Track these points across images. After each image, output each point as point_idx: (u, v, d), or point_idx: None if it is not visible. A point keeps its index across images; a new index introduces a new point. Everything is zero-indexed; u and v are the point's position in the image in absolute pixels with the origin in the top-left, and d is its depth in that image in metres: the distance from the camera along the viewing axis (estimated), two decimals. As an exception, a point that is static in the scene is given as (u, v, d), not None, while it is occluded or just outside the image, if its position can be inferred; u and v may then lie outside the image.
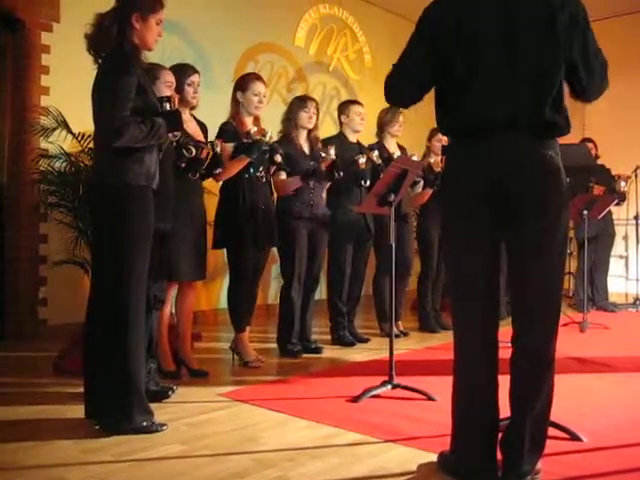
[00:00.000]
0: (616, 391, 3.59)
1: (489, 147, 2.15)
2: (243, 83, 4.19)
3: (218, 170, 3.83)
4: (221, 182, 4.15)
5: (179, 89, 3.69)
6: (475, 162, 2.17)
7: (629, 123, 7.89)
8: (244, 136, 4.01)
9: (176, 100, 2.95)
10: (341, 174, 4.49)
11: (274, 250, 4.53)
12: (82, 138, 4.58)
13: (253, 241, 4.06)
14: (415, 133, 5.64)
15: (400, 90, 2.37)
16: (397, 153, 5.10)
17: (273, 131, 4.23)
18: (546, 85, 2.13)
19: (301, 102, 4.57)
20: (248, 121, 4.17)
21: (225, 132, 4.06)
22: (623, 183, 6.63)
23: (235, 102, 4.19)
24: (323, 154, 4.43)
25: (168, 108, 2.91)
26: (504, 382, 2.22)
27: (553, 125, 2.16)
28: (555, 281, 2.19)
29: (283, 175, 4.41)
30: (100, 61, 2.84)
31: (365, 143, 5.16)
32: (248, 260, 4.08)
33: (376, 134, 5.30)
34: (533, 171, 2.13)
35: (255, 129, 4.01)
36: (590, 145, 6.70)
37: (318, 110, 4.61)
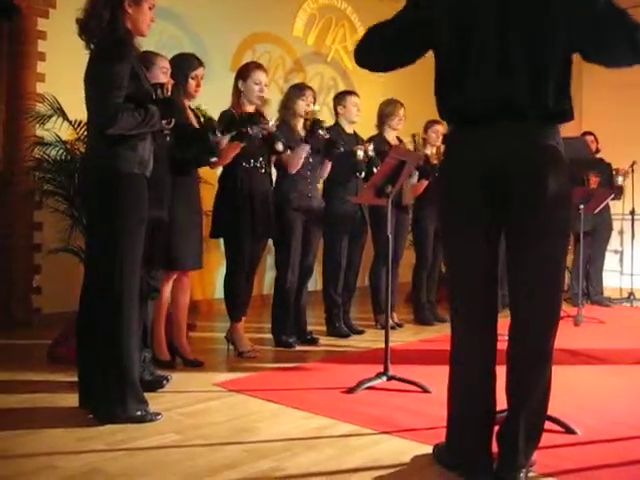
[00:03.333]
0: (611, 384, 3.59)
1: (488, 134, 2.11)
2: (244, 72, 4.16)
3: (214, 158, 3.80)
4: (220, 172, 4.14)
5: (182, 81, 3.66)
6: (474, 149, 2.14)
7: (627, 117, 7.86)
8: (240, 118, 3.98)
9: (169, 87, 2.92)
10: (341, 149, 4.49)
11: (270, 240, 4.52)
12: (78, 126, 4.54)
13: (250, 231, 4.04)
14: (412, 124, 5.62)
15: (378, 50, 2.31)
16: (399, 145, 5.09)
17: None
18: (545, 71, 2.08)
19: (299, 90, 4.55)
20: (249, 109, 4.14)
21: (224, 120, 4.04)
22: (620, 178, 6.63)
23: (236, 91, 4.16)
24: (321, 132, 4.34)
25: (161, 95, 2.88)
26: (501, 375, 2.21)
27: (555, 112, 2.11)
28: (554, 272, 2.16)
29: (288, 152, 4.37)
30: (92, 47, 2.81)
31: (364, 134, 5.14)
32: (245, 250, 4.07)
33: (376, 126, 5.27)
34: (532, 159, 2.10)
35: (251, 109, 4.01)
36: (591, 138, 6.69)
37: (315, 99, 4.59)
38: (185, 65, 3.69)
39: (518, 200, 2.12)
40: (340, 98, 5.05)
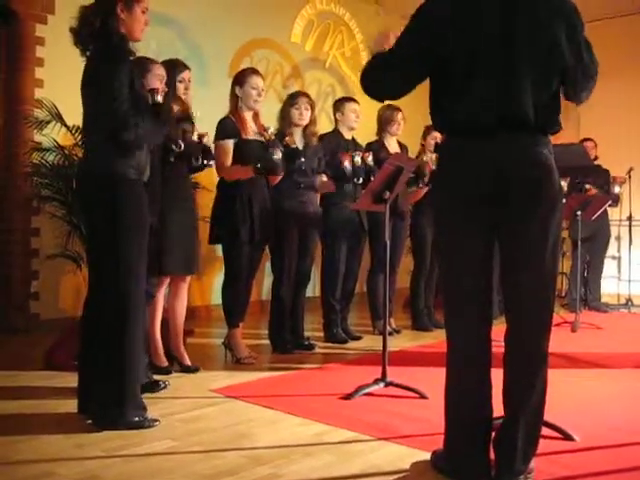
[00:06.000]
0: (609, 390, 3.59)
1: (485, 145, 2.14)
2: (241, 77, 4.17)
3: (211, 162, 3.81)
4: (218, 178, 4.16)
5: (170, 86, 3.67)
6: (470, 160, 2.16)
7: (623, 125, 7.90)
8: (243, 133, 4.01)
9: (159, 91, 2.91)
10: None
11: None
12: (76, 131, 4.55)
13: (249, 237, 4.04)
14: (412, 130, 5.63)
15: (384, 82, 2.32)
16: (397, 152, 5.09)
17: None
18: (543, 85, 2.14)
19: (291, 99, 4.56)
20: (247, 116, 4.16)
21: (224, 127, 4.05)
22: (618, 188, 6.65)
23: (234, 97, 4.17)
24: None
25: (159, 100, 2.87)
26: (497, 381, 2.21)
27: (548, 123, 2.17)
28: (548, 278, 2.19)
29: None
30: (88, 54, 2.82)
31: (363, 141, 5.15)
32: (244, 256, 4.07)
33: (376, 132, 5.29)
34: (529, 168, 2.13)
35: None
36: (591, 144, 6.71)
37: (312, 105, 4.57)
38: (170, 70, 3.69)
39: (515, 206, 2.15)
40: (339, 105, 5.06)
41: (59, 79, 4.89)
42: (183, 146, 3.50)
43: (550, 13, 2.14)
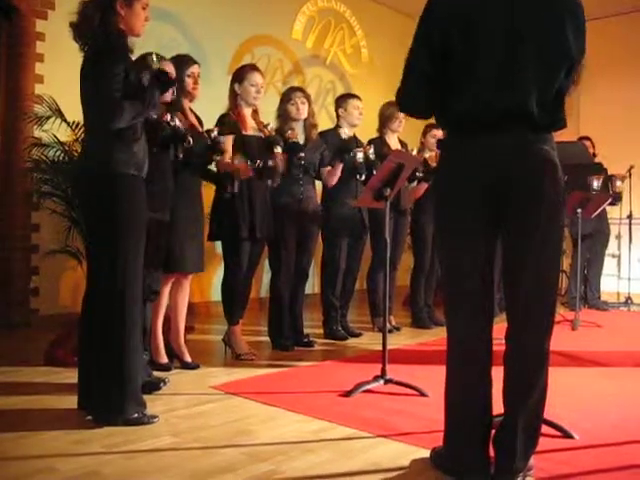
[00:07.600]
0: (608, 389, 3.59)
1: (488, 141, 2.13)
2: (240, 74, 4.17)
3: (217, 157, 3.82)
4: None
5: (179, 81, 3.67)
6: (473, 156, 2.15)
7: (623, 122, 7.89)
8: (243, 129, 4.02)
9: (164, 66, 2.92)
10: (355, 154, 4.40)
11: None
12: (76, 127, 4.54)
13: (249, 234, 4.04)
14: (412, 128, 5.62)
15: (415, 94, 2.26)
16: (398, 148, 5.08)
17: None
18: (548, 81, 2.13)
19: (286, 95, 4.56)
20: (247, 112, 4.16)
21: (223, 123, 4.05)
22: (619, 182, 6.64)
23: (233, 94, 4.17)
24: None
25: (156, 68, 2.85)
26: (497, 378, 2.21)
27: (552, 120, 2.16)
28: (551, 276, 2.18)
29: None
30: (86, 49, 2.81)
31: (364, 138, 5.14)
32: (243, 253, 4.07)
33: (377, 129, 5.28)
34: (531, 165, 2.12)
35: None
36: (588, 143, 6.71)
37: (307, 98, 4.55)
38: (179, 65, 3.69)
39: (517, 204, 2.14)
40: (341, 101, 5.04)
41: (59, 75, 4.89)
42: (192, 141, 3.49)
43: (557, 10, 2.12)
